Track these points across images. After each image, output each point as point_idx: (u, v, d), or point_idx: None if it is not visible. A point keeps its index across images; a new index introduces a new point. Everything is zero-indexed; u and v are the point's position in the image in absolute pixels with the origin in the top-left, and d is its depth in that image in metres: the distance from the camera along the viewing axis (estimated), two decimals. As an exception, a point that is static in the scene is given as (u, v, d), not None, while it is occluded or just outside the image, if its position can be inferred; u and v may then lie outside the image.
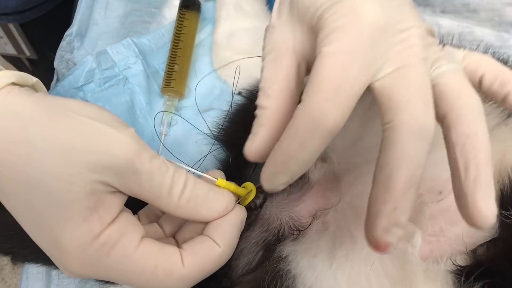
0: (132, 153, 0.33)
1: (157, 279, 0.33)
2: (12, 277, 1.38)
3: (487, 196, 0.29)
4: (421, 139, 0.29)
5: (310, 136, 0.30)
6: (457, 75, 0.33)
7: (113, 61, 0.54)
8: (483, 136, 0.30)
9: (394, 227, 0.28)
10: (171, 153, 0.50)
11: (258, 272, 0.39)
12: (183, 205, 0.35)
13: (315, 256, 0.38)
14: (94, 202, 0.32)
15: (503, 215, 0.36)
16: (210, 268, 0.35)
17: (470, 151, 0.30)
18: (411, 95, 0.30)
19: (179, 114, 0.53)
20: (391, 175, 0.29)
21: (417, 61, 0.31)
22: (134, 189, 0.34)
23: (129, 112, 0.52)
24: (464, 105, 0.31)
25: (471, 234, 0.37)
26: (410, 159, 0.29)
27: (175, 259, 0.34)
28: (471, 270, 0.34)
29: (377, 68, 0.31)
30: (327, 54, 0.30)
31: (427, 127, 0.30)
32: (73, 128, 0.32)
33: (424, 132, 0.29)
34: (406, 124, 0.29)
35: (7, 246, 0.44)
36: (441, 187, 0.38)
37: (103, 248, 0.32)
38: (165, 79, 0.53)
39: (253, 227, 0.40)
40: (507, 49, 0.54)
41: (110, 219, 0.33)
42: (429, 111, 0.30)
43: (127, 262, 0.33)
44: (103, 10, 0.61)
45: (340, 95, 0.29)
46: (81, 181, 0.31)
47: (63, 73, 0.55)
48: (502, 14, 0.56)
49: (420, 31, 0.32)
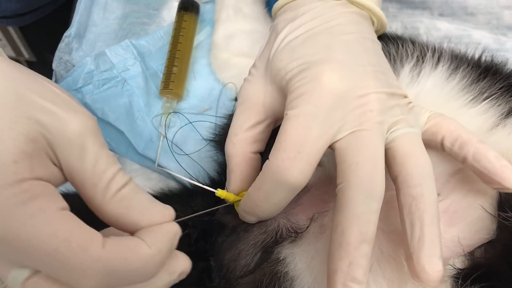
0: (88, 128, 0.31)
1: (68, 249, 0.27)
2: (10, 279, 1.38)
3: (432, 255, 0.31)
4: (369, 198, 0.32)
5: (273, 190, 0.34)
6: (410, 138, 0.35)
7: (111, 62, 0.54)
8: (429, 197, 0.33)
9: (352, 283, 0.30)
10: (172, 153, 0.50)
11: (256, 274, 0.39)
12: (116, 200, 0.31)
13: (313, 258, 0.37)
14: (31, 150, 0.29)
15: (501, 216, 0.36)
16: (134, 264, 0.29)
17: (415, 212, 0.32)
18: (362, 157, 0.33)
19: (182, 113, 0.53)
20: (343, 232, 0.31)
21: (372, 125, 0.34)
22: (74, 166, 0.30)
23: (128, 114, 0.52)
24: (412, 168, 0.34)
25: (469, 236, 0.37)
26: (359, 216, 0.31)
27: (95, 237, 0.29)
28: (468, 273, 0.34)
29: (336, 130, 0.34)
30: (291, 117, 0.34)
31: (375, 187, 0.32)
32: (38, 86, 0.30)
33: (372, 192, 0.32)
34: (354, 185, 0.32)
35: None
36: (439, 189, 0.38)
37: (22, 194, 0.28)
38: (164, 81, 0.53)
39: (251, 229, 0.40)
40: (504, 52, 0.54)
41: (40, 175, 0.29)
42: (377, 172, 0.33)
43: (42, 218, 0.28)
44: (102, 11, 0.61)
45: (301, 154, 0.33)
46: (26, 124, 0.29)
47: (61, 74, 0.55)
48: (499, 17, 0.56)
49: (379, 96, 0.35)
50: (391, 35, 0.50)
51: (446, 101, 0.42)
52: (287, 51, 0.38)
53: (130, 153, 0.52)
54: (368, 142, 0.34)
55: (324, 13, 0.40)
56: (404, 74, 0.44)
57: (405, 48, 0.46)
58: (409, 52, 0.46)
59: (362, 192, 0.32)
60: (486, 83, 0.43)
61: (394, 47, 0.46)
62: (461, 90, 0.43)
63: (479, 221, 0.37)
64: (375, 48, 0.40)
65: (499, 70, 0.46)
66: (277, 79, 0.38)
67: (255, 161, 0.40)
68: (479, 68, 0.45)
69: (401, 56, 0.46)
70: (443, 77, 0.44)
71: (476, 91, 0.43)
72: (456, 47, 0.48)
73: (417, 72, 0.44)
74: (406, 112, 0.37)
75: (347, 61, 0.36)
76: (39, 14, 0.72)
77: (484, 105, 0.42)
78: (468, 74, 0.44)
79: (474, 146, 0.35)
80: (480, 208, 0.37)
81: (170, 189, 0.48)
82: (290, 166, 0.33)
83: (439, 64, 0.44)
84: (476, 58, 0.47)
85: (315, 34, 0.38)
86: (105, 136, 0.52)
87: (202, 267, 0.42)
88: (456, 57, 0.46)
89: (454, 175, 0.39)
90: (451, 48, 0.48)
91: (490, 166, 0.34)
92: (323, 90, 0.34)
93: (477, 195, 0.38)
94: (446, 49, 0.47)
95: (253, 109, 0.39)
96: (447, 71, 0.44)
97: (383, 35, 0.49)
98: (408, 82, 0.44)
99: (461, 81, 0.43)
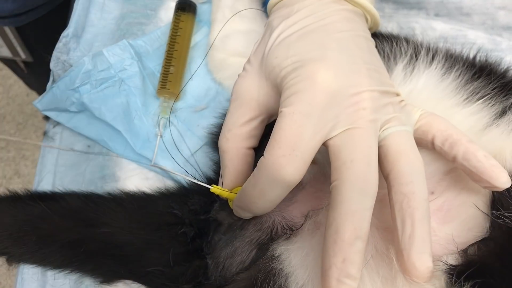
0: None
1: None
2: (7, 278, 1.38)
3: (422, 252, 0.32)
4: (363, 195, 0.33)
5: (268, 187, 0.34)
6: (403, 136, 0.36)
7: (109, 62, 0.54)
8: (420, 195, 0.33)
9: (346, 279, 0.31)
10: (170, 154, 0.51)
11: (252, 270, 0.39)
12: None
13: (308, 255, 0.38)
14: None
15: (494, 215, 0.36)
16: None
17: (406, 209, 0.33)
18: (355, 155, 0.34)
19: (179, 113, 0.53)
20: (338, 229, 0.32)
21: (365, 123, 0.35)
22: None
23: (125, 113, 0.53)
24: (403, 166, 0.34)
25: (463, 234, 0.37)
26: (353, 214, 0.32)
27: None
28: (462, 270, 0.34)
29: (330, 128, 0.34)
30: (285, 114, 0.34)
31: (369, 185, 0.33)
32: None
33: (366, 190, 0.33)
34: (348, 182, 0.33)
35: (2, 246, 0.44)
36: (433, 187, 0.39)
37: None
38: (161, 81, 0.54)
39: (246, 227, 0.41)
40: (499, 52, 0.54)
41: None
42: (371, 170, 0.34)
43: None
44: (99, 11, 0.61)
45: (296, 151, 0.33)
46: None
47: (59, 74, 0.55)
48: (494, 18, 0.57)
49: (372, 94, 0.36)
50: (385, 34, 0.50)
51: (439, 100, 0.43)
52: (282, 48, 0.39)
53: (128, 152, 0.52)
54: (362, 140, 0.34)
55: (319, 11, 0.40)
56: (398, 71, 0.44)
57: (399, 46, 0.47)
58: (403, 50, 0.46)
59: (356, 190, 0.33)
60: (480, 83, 0.44)
61: (389, 45, 0.47)
62: (454, 89, 0.43)
63: (473, 219, 0.37)
64: (368, 46, 0.40)
65: (493, 70, 0.46)
66: (272, 76, 0.38)
67: (249, 157, 0.40)
68: (473, 67, 0.45)
69: (395, 54, 0.46)
70: (437, 76, 0.44)
71: (470, 90, 0.43)
72: (452, 47, 0.49)
73: (410, 70, 0.44)
74: (399, 110, 0.37)
75: (341, 59, 0.37)
76: (35, 15, 0.72)
77: (478, 105, 0.42)
78: (462, 73, 0.44)
79: (464, 145, 0.36)
80: (474, 207, 0.37)
81: (167, 188, 0.49)
82: (285, 163, 0.33)
83: (433, 62, 0.45)
84: (471, 57, 0.48)
85: (309, 31, 0.39)
86: (102, 136, 0.52)
87: (198, 265, 0.43)
88: (451, 56, 0.46)
89: (448, 174, 0.39)
90: (447, 47, 0.48)
91: (479, 165, 0.35)
92: (317, 88, 0.35)
93: (470, 193, 0.38)
94: (441, 48, 0.47)
95: (248, 105, 0.40)
96: (441, 69, 0.44)
97: (377, 33, 0.49)
98: (401, 79, 0.44)
99: (455, 80, 0.44)
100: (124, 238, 0.43)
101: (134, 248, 0.43)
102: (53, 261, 0.44)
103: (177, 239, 0.44)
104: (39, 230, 0.44)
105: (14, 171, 1.56)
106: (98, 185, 0.51)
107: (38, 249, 0.44)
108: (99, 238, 0.43)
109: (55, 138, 0.54)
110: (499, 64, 0.47)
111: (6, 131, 1.63)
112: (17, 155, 1.58)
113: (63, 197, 0.46)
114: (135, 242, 0.43)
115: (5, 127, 1.64)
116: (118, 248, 0.43)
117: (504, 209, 0.36)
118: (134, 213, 0.45)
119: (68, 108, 0.53)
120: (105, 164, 0.52)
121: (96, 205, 0.45)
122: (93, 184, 0.51)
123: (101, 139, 0.53)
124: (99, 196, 0.47)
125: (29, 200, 0.46)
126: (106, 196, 0.47)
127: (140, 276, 0.43)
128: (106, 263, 0.44)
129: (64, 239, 0.43)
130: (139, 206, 0.46)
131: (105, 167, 0.52)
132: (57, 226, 0.44)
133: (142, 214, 0.45)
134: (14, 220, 0.44)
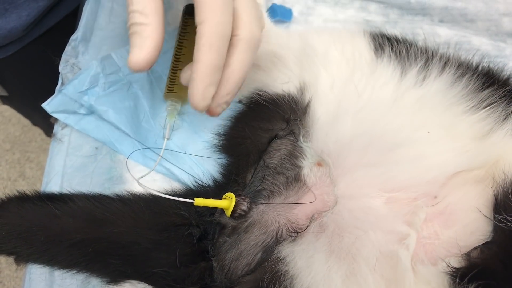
0: None
1: None
2: (11, 280, 1.38)
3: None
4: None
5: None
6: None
7: (117, 65, 0.55)
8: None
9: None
10: (171, 163, 0.51)
11: (257, 272, 0.40)
12: None
13: (312, 257, 0.38)
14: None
15: (496, 219, 0.36)
16: None
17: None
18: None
19: (186, 116, 0.54)
20: None
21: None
22: None
23: (133, 116, 0.53)
24: None
25: (466, 238, 0.37)
26: None
27: None
28: (465, 272, 0.35)
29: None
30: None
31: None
32: None
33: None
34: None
35: (11, 246, 0.44)
36: (436, 192, 0.39)
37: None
38: (168, 84, 0.54)
39: (251, 230, 0.41)
40: (503, 58, 0.55)
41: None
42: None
43: None
44: (108, 15, 0.62)
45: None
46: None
47: (68, 77, 0.56)
48: (498, 24, 0.57)
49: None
50: (402, 37, 0.51)
51: (448, 106, 0.43)
52: None
53: (135, 155, 0.52)
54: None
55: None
56: (412, 74, 0.45)
57: (414, 51, 0.47)
58: (418, 54, 0.47)
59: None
60: (488, 92, 0.44)
61: (405, 47, 0.47)
62: (464, 96, 0.43)
63: (475, 223, 0.38)
64: None
65: (499, 78, 0.46)
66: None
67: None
68: (483, 77, 0.46)
69: (410, 57, 0.46)
70: (448, 83, 0.44)
71: (479, 99, 0.43)
72: (464, 55, 0.49)
73: (423, 75, 0.45)
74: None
75: None
76: (21, 44, 0.70)
77: (484, 112, 0.42)
78: (472, 81, 0.44)
79: None
80: (476, 211, 0.38)
81: (174, 189, 0.49)
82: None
83: (445, 69, 0.45)
84: (478, 65, 0.48)
85: None
86: (110, 138, 0.53)
87: (204, 266, 0.43)
88: (462, 64, 0.47)
89: (451, 178, 0.39)
90: (459, 55, 0.48)
91: None
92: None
93: (473, 197, 0.38)
94: (453, 56, 0.48)
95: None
96: (453, 76, 0.45)
97: (394, 36, 0.50)
98: (414, 83, 0.44)
99: (464, 88, 0.44)
100: (131, 239, 0.44)
101: (141, 249, 0.44)
102: (60, 261, 0.45)
103: (184, 240, 0.44)
104: (47, 230, 0.44)
105: (19, 173, 1.57)
106: (105, 186, 0.51)
107: (46, 249, 0.44)
108: (107, 239, 0.44)
109: (64, 140, 0.55)
110: (502, 70, 0.48)
111: (12, 134, 1.64)
112: (22, 157, 1.58)
113: (71, 198, 0.47)
114: (142, 243, 0.44)
115: (10, 130, 1.65)
116: (125, 249, 0.44)
117: (506, 213, 0.36)
118: (141, 214, 0.45)
119: (76, 111, 0.54)
120: (112, 166, 0.53)
121: (103, 206, 0.46)
122: (101, 185, 0.51)
123: (109, 141, 0.53)
124: (107, 197, 0.48)
125: (38, 201, 0.46)
126: (113, 197, 0.48)
127: (147, 276, 0.44)
128: (113, 263, 0.44)
129: (72, 239, 0.44)
130: (146, 207, 0.46)
131: (113, 169, 0.53)
132: (65, 227, 0.44)
133: (149, 215, 0.45)
134: (22, 221, 0.45)
